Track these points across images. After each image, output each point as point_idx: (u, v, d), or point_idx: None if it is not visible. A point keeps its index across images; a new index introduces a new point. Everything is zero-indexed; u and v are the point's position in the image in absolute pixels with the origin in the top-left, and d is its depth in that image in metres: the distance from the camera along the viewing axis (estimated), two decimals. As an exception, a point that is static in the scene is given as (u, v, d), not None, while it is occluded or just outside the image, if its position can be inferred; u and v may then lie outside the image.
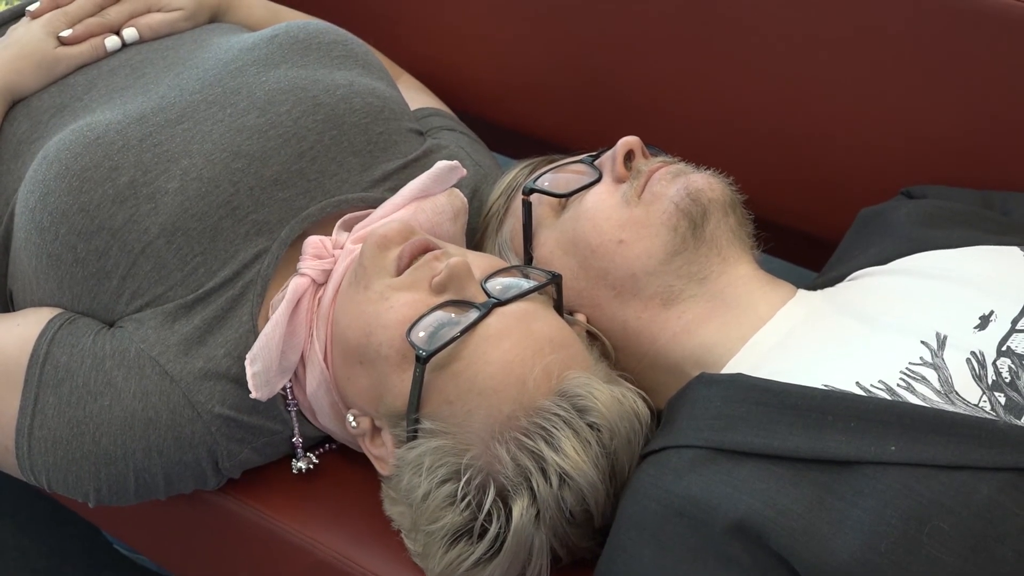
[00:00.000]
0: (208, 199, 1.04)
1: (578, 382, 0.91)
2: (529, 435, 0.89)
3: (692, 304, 1.02)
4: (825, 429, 0.82)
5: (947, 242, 1.02)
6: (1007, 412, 0.81)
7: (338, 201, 1.09)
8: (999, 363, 0.85)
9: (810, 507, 0.79)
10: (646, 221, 1.03)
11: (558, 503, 0.89)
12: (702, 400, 0.90)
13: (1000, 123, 1.18)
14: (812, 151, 1.29)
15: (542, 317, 0.96)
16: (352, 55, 1.19)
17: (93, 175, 1.03)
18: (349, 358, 0.98)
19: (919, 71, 1.20)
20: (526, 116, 1.48)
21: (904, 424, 0.80)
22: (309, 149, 1.09)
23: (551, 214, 1.10)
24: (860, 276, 1.03)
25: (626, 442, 0.92)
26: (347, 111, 1.12)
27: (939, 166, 1.22)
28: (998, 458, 0.77)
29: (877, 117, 1.24)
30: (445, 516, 0.91)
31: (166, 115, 1.09)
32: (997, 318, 0.89)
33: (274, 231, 1.06)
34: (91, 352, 1.01)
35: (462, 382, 0.92)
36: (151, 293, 1.03)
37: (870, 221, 1.12)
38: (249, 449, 1.05)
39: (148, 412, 1.00)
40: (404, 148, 1.16)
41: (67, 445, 1.01)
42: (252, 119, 1.09)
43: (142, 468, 1.01)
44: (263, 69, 1.13)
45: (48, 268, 1.05)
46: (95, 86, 1.15)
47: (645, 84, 1.36)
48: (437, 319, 0.93)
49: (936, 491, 0.76)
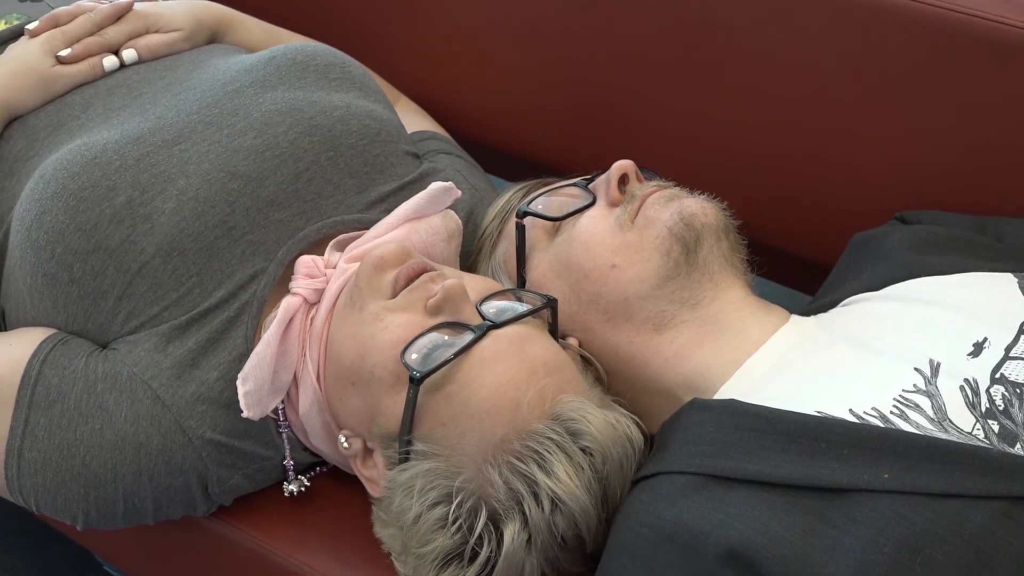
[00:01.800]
0: (204, 219, 1.04)
1: (572, 406, 0.91)
2: (522, 459, 0.89)
3: (684, 329, 1.02)
4: (818, 456, 0.82)
5: (941, 268, 1.02)
6: (1000, 440, 0.81)
7: (334, 222, 1.09)
8: (992, 391, 0.85)
9: (803, 534, 0.78)
10: (639, 246, 1.03)
11: (550, 528, 0.89)
12: (694, 426, 0.90)
13: (995, 148, 1.18)
14: (807, 175, 1.30)
15: (537, 340, 0.96)
16: (349, 77, 1.20)
17: (90, 195, 1.03)
18: (342, 378, 0.98)
19: (914, 96, 1.20)
20: (521, 139, 1.48)
21: (897, 452, 0.80)
22: (306, 170, 1.09)
23: (544, 237, 1.10)
24: (854, 302, 1.03)
25: (619, 467, 0.92)
26: (344, 133, 1.12)
27: (933, 191, 1.22)
28: (991, 486, 0.77)
29: (871, 142, 1.24)
30: (436, 539, 0.90)
31: (163, 135, 1.09)
32: (991, 345, 0.89)
33: (271, 251, 1.06)
34: (83, 374, 1.01)
35: (455, 404, 0.91)
36: (146, 313, 1.03)
37: (864, 246, 1.12)
38: (240, 475, 1.05)
39: (139, 436, 1.00)
40: (400, 170, 1.16)
41: (56, 467, 1.00)
42: (249, 140, 1.09)
43: (131, 492, 1.01)
44: (260, 90, 1.13)
45: (43, 287, 1.04)
46: (92, 105, 1.15)
47: (640, 107, 1.37)
48: (431, 341, 0.93)
49: (929, 519, 0.76)
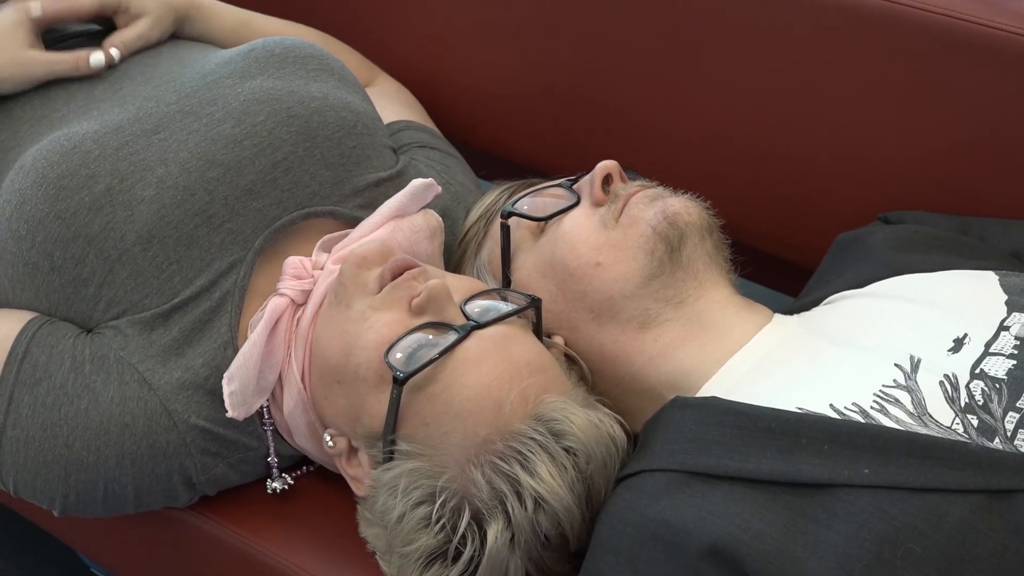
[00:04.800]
0: (184, 207, 1.05)
1: (555, 406, 0.91)
2: (505, 459, 0.89)
3: (668, 328, 1.02)
4: (799, 452, 0.82)
5: (923, 266, 1.02)
6: (979, 434, 0.82)
7: (307, 213, 1.09)
8: (972, 386, 0.85)
9: (784, 530, 0.79)
10: (623, 244, 1.03)
11: (533, 527, 0.89)
12: (676, 423, 0.90)
13: (979, 150, 1.18)
14: (790, 176, 1.30)
15: (521, 341, 0.96)
16: (328, 68, 1.20)
17: (70, 183, 1.03)
18: (327, 378, 0.98)
19: (897, 97, 1.21)
20: (506, 140, 1.48)
21: (877, 447, 0.80)
22: (283, 160, 1.10)
23: (529, 237, 1.10)
24: (836, 300, 1.03)
25: (602, 466, 0.92)
26: (320, 124, 1.12)
27: (917, 192, 1.22)
28: (970, 480, 0.77)
29: (855, 143, 1.25)
30: (420, 538, 0.90)
31: (143, 125, 1.09)
32: (971, 341, 0.89)
33: (248, 241, 1.06)
34: (71, 354, 1.01)
35: (439, 404, 0.92)
36: (127, 301, 1.03)
37: (847, 246, 1.12)
38: (224, 464, 1.05)
39: (125, 417, 1.00)
40: (377, 163, 1.16)
41: (39, 447, 1.00)
42: (227, 129, 1.09)
43: (112, 477, 1.01)
44: (239, 80, 1.14)
45: (25, 276, 1.05)
46: (74, 99, 1.16)
47: (624, 108, 1.37)
48: (415, 340, 0.93)
49: (909, 514, 0.76)
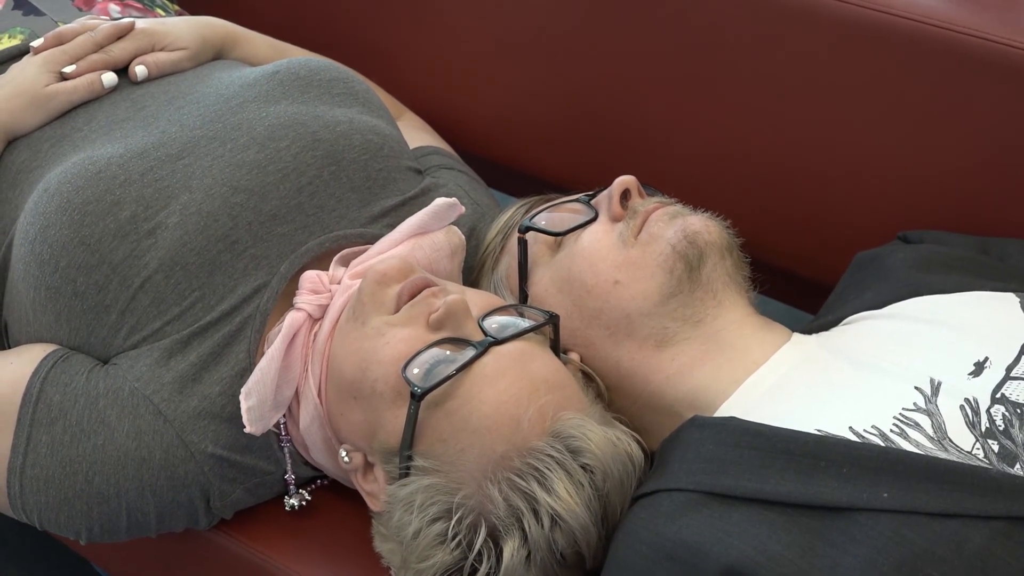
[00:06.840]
0: (207, 233, 1.05)
1: (572, 423, 0.91)
2: (522, 475, 0.89)
3: (686, 347, 1.02)
4: (818, 474, 0.82)
5: (943, 287, 1.02)
6: (1000, 460, 0.81)
7: (336, 236, 1.09)
8: (993, 410, 0.85)
9: (802, 553, 0.78)
10: (642, 262, 1.03)
11: (549, 544, 0.89)
12: (694, 443, 0.90)
13: (999, 169, 1.18)
14: (810, 194, 1.30)
15: (538, 357, 0.96)
16: (352, 92, 1.20)
17: (95, 209, 1.03)
18: (344, 393, 0.98)
19: (917, 116, 1.20)
20: (524, 155, 1.48)
21: (897, 471, 0.80)
22: (308, 184, 1.10)
23: (547, 252, 1.10)
24: (856, 320, 1.03)
25: (619, 484, 0.92)
26: (346, 147, 1.13)
27: (936, 211, 1.22)
28: (990, 506, 0.77)
29: (875, 161, 1.24)
30: (435, 555, 0.90)
31: (167, 150, 1.09)
32: (992, 365, 0.89)
33: (273, 266, 1.06)
34: (84, 391, 1.01)
35: (456, 420, 0.91)
36: (149, 328, 1.03)
37: (866, 265, 1.12)
38: (241, 489, 1.05)
39: (141, 451, 1.00)
40: (402, 185, 1.16)
41: (59, 484, 1.00)
42: (252, 154, 1.09)
43: (135, 507, 1.01)
44: (263, 105, 1.14)
45: (47, 301, 1.04)
46: (95, 118, 1.16)
47: (643, 124, 1.37)
48: (433, 356, 0.93)
49: (928, 539, 0.76)
